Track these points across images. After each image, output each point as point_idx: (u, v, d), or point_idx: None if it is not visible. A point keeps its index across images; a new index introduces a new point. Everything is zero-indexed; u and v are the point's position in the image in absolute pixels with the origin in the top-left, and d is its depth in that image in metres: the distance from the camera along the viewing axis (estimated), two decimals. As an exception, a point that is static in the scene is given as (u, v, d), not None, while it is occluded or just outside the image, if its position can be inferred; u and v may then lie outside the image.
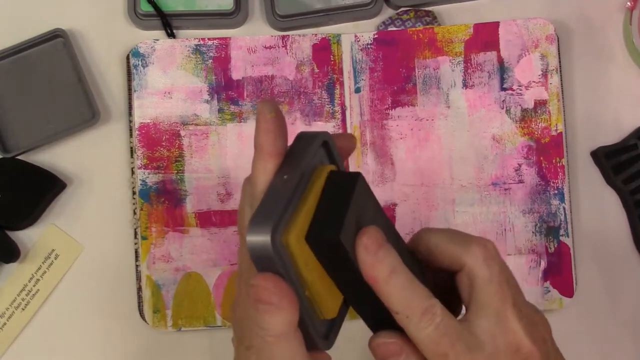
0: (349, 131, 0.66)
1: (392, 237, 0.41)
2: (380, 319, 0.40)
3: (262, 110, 0.39)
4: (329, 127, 0.66)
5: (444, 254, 0.42)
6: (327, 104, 0.66)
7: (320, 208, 0.38)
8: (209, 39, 0.67)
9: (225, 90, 0.66)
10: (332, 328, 0.42)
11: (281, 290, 0.37)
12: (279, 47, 0.67)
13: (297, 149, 0.40)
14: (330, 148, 0.42)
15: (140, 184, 0.65)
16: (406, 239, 0.44)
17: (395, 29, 0.68)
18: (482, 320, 0.40)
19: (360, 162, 0.66)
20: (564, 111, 0.67)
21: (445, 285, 0.42)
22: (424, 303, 0.39)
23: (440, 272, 0.43)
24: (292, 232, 0.37)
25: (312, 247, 0.38)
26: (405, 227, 0.65)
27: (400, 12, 0.68)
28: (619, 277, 0.67)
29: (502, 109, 0.66)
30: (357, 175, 0.40)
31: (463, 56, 0.67)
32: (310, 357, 0.40)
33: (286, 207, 0.37)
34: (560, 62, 0.67)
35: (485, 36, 0.67)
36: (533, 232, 0.65)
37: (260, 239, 0.36)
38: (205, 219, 0.65)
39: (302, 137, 0.41)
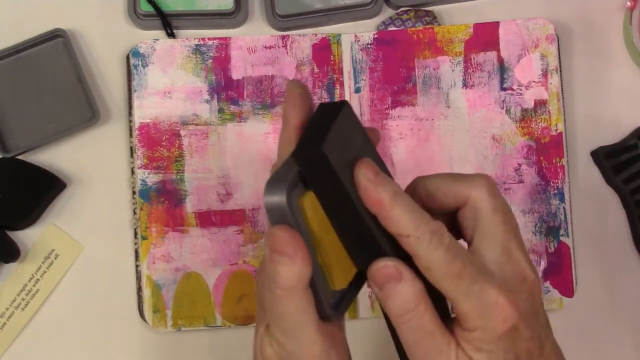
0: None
1: (385, 173, 0.42)
2: (374, 253, 0.40)
3: (291, 87, 0.42)
4: (329, 127, 0.66)
5: (447, 193, 0.42)
6: (327, 104, 0.66)
7: (306, 131, 0.40)
8: (209, 38, 0.67)
9: (225, 90, 0.66)
10: (341, 300, 0.42)
11: (296, 240, 0.38)
12: (279, 47, 0.67)
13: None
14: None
15: (140, 184, 0.65)
16: None
17: (395, 29, 0.68)
18: (488, 250, 0.41)
19: (360, 162, 0.66)
20: (564, 111, 0.67)
21: None
22: (431, 224, 0.39)
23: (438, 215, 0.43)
24: (307, 196, 0.39)
25: (301, 165, 0.39)
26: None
27: (400, 12, 0.68)
28: (619, 277, 0.67)
29: (502, 109, 0.66)
30: (343, 103, 0.41)
31: (463, 56, 0.67)
32: (320, 322, 0.40)
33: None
34: (560, 62, 0.67)
35: (485, 36, 0.67)
36: (533, 232, 0.65)
37: (276, 198, 0.38)
38: (205, 219, 0.65)
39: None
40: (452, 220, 0.43)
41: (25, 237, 0.66)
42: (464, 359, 0.40)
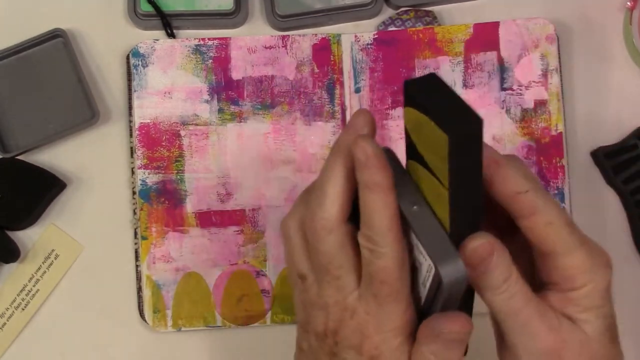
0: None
1: None
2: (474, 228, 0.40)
3: (365, 146, 0.39)
4: (329, 127, 0.66)
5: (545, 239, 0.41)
6: (327, 104, 0.66)
7: (434, 106, 0.37)
8: (209, 39, 0.67)
9: (225, 90, 0.66)
10: None
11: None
12: (279, 47, 0.67)
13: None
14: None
15: (140, 184, 0.65)
16: None
17: (395, 29, 0.68)
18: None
19: (360, 162, 0.66)
20: (564, 111, 0.67)
21: None
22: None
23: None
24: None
25: (452, 144, 0.36)
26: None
27: (400, 12, 0.68)
28: (619, 277, 0.66)
29: (502, 109, 0.66)
30: (433, 76, 0.38)
31: (463, 56, 0.67)
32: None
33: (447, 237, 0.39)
34: (560, 62, 0.67)
35: (485, 36, 0.67)
36: (533, 232, 0.65)
37: (456, 269, 0.38)
38: (205, 219, 0.65)
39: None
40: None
41: (25, 237, 0.66)
42: (569, 323, 0.40)
